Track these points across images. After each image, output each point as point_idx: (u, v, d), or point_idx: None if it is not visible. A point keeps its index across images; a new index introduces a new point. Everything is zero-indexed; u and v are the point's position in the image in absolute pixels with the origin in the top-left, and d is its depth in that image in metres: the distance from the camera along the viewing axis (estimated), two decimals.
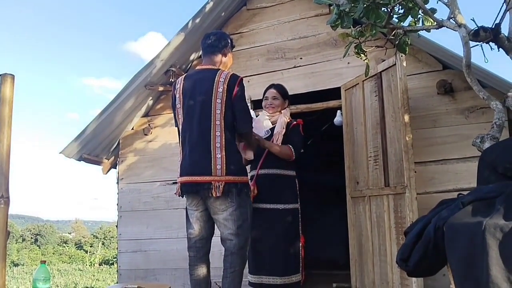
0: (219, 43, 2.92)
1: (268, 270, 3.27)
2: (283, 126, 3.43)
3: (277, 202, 3.30)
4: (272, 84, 3.67)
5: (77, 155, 4.72)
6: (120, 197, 4.89)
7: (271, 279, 3.26)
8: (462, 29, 2.54)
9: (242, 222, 2.73)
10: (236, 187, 2.70)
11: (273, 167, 3.36)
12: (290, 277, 3.26)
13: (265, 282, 3.28)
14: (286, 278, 3.24)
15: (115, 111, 4.58)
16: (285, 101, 3.56)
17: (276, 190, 3.31)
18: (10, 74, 1.56)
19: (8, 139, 1.53)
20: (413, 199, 3.16)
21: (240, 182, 2.73)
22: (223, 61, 2.93)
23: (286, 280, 3.24)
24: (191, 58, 4.76)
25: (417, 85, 3.87)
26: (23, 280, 12.12)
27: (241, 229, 2.73)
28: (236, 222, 2.71)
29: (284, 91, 3.58)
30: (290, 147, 3.33)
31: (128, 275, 4.68)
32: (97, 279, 11.99)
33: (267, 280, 3.27)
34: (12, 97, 1.56)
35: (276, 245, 3.27)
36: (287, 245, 3.29)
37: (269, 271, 3.27)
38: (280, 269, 3.25)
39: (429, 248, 1.26)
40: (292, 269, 3.28)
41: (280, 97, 3.53)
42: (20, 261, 20.39)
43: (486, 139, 2.32)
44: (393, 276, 3.30)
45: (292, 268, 3.28)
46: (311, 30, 4.41)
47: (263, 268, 3.30)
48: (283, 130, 3.41)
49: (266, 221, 3.28)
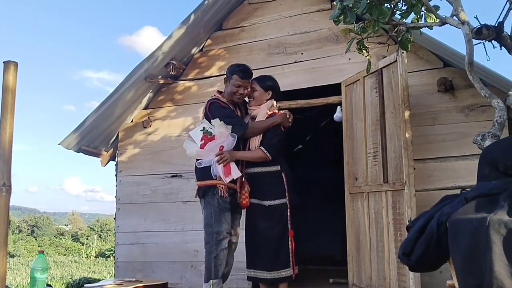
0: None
1: (258, 264, 3.28)
2: None
3: (262, 199, 3.27)
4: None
5: (76, 147, 4.71)
6: (118, 190, 4.89)
7: (260, 273, 3.26)
8: (465, 26, 2.54)
9: (207, 221, 3.17)
10: (201, 190, 3.22)
11: (255, 165, 3.32)
12: (280, 272, 3.22)
13: (257, 276, 3.29)
14: (275, 273, 3.22)
15: (115, 103, 4.57)
16: (266, 92, 3.43)
17: (261, 187, 3.27)
18: (14, 61, 1.55)
19: (11, 127, 1.52)
20: (412, 196, 3.17)
21: (204, 186, 3.21)
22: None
23: (275, 275, 3.22)
24: (192, 52, 4.75)
25: (417, 82, 3.87)
26: (19, 271, 12.13)
27: (206, 227, 3.16)
28: (203, 221, 3.20)
29: (265, 84, 3.45)
30: (261, 149, 3.27)
31: (125, 267, 4.68)
32: (93, 271, 12.02)
33: (258, 274, 3.28)
34: (15, 84, 1.55)
35: (264, 241, 3.26)
36: (275, 241, 3.26)
37: (259, 265, 3.28)
38: (268, 264, 3.24)
39: (432, 243, 1.27)
40: (281, 264, 3.24)
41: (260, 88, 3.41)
42: (16, 252, 20.40)
43: (487, 137, 2.32)
44: (390, 272, 3.31)
45: (281, 263, 3.24)
46: (312, 25, 4.40)
47: (255, 262, 3.30)
48: None
49: (257, 216, 3.28)
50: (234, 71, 3.32)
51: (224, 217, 3.16)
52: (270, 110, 3.40)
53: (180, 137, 4.52)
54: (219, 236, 3.12)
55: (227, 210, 3.19)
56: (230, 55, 4.67)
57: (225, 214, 3.17)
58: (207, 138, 3.21)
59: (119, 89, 4.49)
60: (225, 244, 3.14)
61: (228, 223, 3.18)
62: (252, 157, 3.29)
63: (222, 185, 3.17)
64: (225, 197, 3.17)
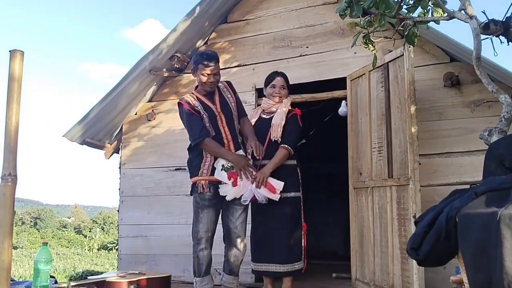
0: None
1: (271, 258, 3.29)
2: (282, 118, 3.41)
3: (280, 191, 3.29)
4: (276, 71, 3.63)
5: (80, 139, 4.71)
6: (122, 182, 4.89)
7: (273, 267, 3.28)
8: (473, 20, 2.51)
9: (193, 215, 3.25)
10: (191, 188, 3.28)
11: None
12: (293, 265, 3.28)
13: (269, 270, 3.30)
14: (289, 266, 3.26)
15: (119, 96, 4.56)
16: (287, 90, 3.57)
17: (278, 179, 3.30)
18: (20, 50, 1.53)
19: (16, 116, 1.51)
20: (417, 191, 3.15)
21: (193, 182, 3.25)
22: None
23: (289, 268, 3.26)
24: (197, 44, 4.73)
25: (423, 77, 3.84)
26: (22, 263, 12.19)
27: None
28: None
29: (288, 80, 3.58)
30: (284, 147, 3.32)
31: (128, 259, 4.69)
32: (96, 264, 12.06)
33: (270, 267, 3.29)
34: (21, 73, 1.53)
35: (279, 233, 3.29)
36: (289, 233, 3.30)
37: (272, 259, 3.29)
38: (283, 257, 3.27)
39: (441, 238, 1.25)
40: (295, 256, 3.30)
41: (286, 86, 3.54)
42: (19, 244, 20.49)
43: (494, 132, 2.30)
44: (393, 267, 3.30)
45: (294, 256, 3.30)
46: (318, 18, 4.37)
47: (266, 256, 3.31)
48: (283, 121, 3.40)
49: (271, 209, 3.29)
50: (198, 61, 3.21)
51: (201, 216, 3.16)
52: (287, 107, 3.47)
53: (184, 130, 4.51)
54: (197, 235, 3.17)
55: (206, 207, 3.17)
56: (235, 48, 4.65)
57: (203, 212, 3.16)
58: (232, 174, 3.17)
59: (123, 82, 4.49)
60: (203, 243, 3.15)
61: (205, 222, 3.16)
62: (280, 161, 3.32)
63: (203, 181, 3.16)
64: (205, 193, 3.16)
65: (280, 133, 3.35)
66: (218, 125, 3.24)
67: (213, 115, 3.24)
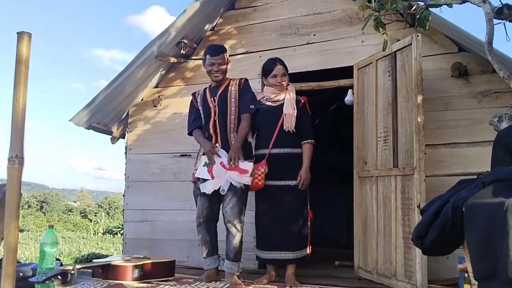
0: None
1: (280, 245, 3.32)
2: (294, 107, 3.41)
3: (288, 179, 3.36)
4: (272, 59, 3.61)
5: (86, 124, 4.72)
6: (128, 167, 4.90)
7: (281, 254, 3.31)
8: (486, 5, 2.48)
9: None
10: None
11: (285, 146, 3.40)
12: (301, 251, 3.33)
13: (276, 258, 3.33)
14: (298, 253, 3.30)
15: (126, 81, 4.55)
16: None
17: (288, 168, 3.34)
18: (27, 32, 1.53)
19: (24, 98, 1.51)
20: (422, 181, 3.15)
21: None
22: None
23: (297, 255, 3.31)
24: (205, 28, 4.70)
25: (431, 66, 3.81)
26: (28, 245, 12.30)
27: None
28: None
29: (286, 65, 3.58)
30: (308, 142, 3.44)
31: (133, 244, 4.73)
32: (101, 248, 12.15)
33: (278, 255, 3.32)
34: (28, 55, 1.53)
35: (286, 220, 3.32)
36: (300, 220, 3.34)
37: (279, 246, 3.32)
38: (293, 244, 3.32)
39: (446, 227, 1.25)
40: (303, 243, 3.34)
41: (287, 73, 3.53)
42: (25, 227, 20.66)
43: (504, 118, 2.30)
44: (396, 256, 3.31)
45: (302, 243, 3.34)
46: (326, 6, 4.33)
47: (273, 243, 3.34)
48: (295, 111, 3.40)
49: (278, 197, 3.32)
50: (205, 52, 3.51)
51: (197, 202, 3.43)
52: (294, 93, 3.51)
53: None
54: (196, 221, 3.42)
55: (198, 195, 3.38)
56: (242, 35, 4.62)
57: (197, 199, 3.42)
58: (210, 168, 3.29)
59: (130, 67, 4.47)
60: (197, 227, 3.41)
61: (198, 207, 3.39)
62: (310, 156, 3.42)
63: (195, 171, 3.40)
64: (196, 182, 3.39)
65: (294, 123, 3.37)
66: (211, 117, 3.41)
67: (208, 107, 3.43)
